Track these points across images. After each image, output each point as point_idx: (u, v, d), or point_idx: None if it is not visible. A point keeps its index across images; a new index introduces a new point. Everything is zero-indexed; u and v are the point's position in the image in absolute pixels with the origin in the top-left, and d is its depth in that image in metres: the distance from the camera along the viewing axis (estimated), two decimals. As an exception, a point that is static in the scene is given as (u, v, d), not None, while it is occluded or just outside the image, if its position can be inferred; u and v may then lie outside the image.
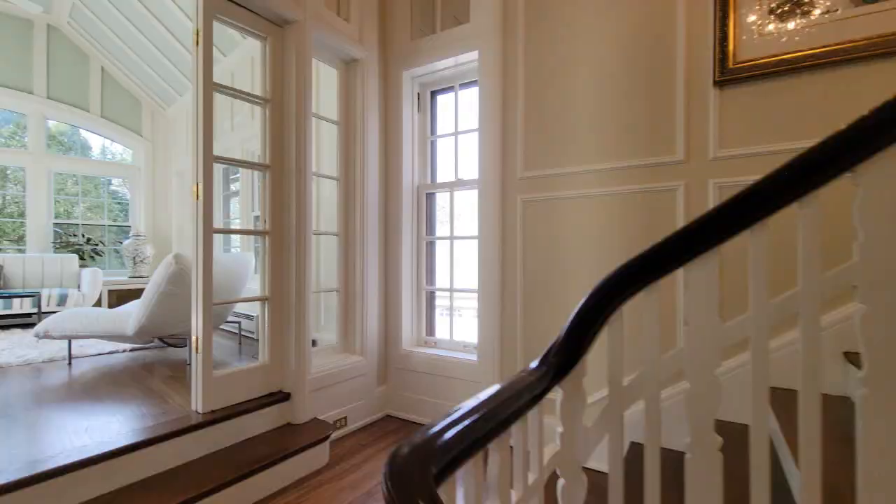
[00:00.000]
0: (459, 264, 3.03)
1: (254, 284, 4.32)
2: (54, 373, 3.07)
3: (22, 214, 5.67)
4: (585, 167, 2.33)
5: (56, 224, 5.83)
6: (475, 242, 2.73)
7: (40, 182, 5.67)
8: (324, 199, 3.27)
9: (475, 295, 2.72)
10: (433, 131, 3.16)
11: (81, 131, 6.23)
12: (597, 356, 1.78)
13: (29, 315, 4.65)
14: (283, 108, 2.47)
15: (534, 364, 1.05)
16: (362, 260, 2.88)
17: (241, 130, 4.67)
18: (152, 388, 2.65)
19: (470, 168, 2.97)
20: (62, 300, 4.68)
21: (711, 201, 2.01)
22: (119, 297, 5.72)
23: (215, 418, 2.10)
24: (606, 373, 1.04)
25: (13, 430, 2.03)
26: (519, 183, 2.54)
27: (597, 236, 2.31)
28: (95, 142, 6.38)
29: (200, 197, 2.13)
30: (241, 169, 4.89)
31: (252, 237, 4.77)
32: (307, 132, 2.46)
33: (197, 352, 2.14)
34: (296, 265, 2.45)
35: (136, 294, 5.85)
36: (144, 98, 6.33)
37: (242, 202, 4.87)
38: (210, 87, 2.14)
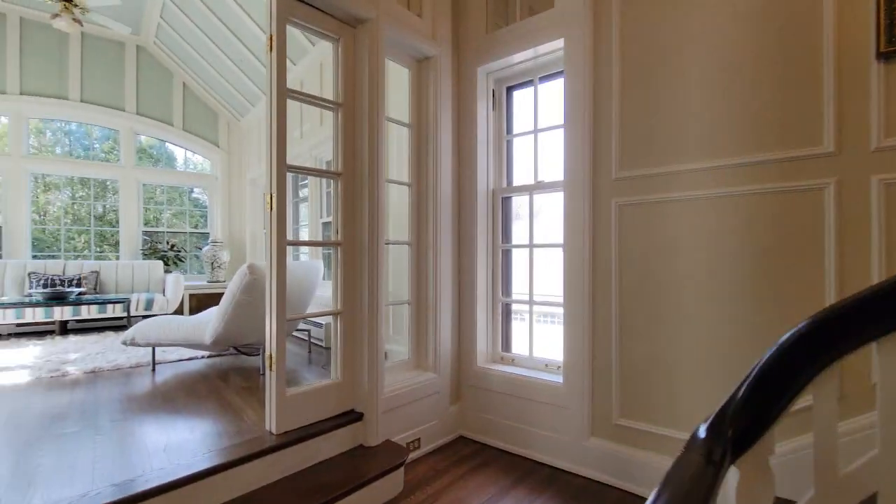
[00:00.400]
0: (539, 274, 2.77)
1: (325, 292, 4.30)
2: (139, 380, 3.17)
3: (118, 223, 6.11)
4: (696, 165, 1.99)
5: (145, 232, 6.23)
6: (557, 251, 2.45)
7: (131, 193, 6.08)
8: (392, 206, 3.13)
9: (555, 308, 2.44)
10: (509, 130, 2.92)
11: (166, 144, 6.63)
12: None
13: (120, 318, 4.96)
14: (356, 111, 2.34)
15: (701, 431, 0.78)
16: (435, 270, 2.70)
17: (310, 138, 4.69)
18: (227, 401, 2.62)
19: (551, 169, 2.69)
20: (149, 305, 4.94)
21: (876, 203, 1.61)
22: (199, 301, 5.99)
23: (289, 440, 1.99)
24: (812, 457, 0.75)
25: (99, 443, 2.04)
26: (613, 185, 2.24)
27: (711, 246, 1.95)
28: (179, 153, 6.77)
29: (274, 208, 2.03)
30: (309, 175, 4.92)
31: (318, 233, 4.78)
32: (380, 137, 2.31)
33: (271, 369, 2.05)
34: (368, 278, 2.31)
35: (213, 298, 6.11)
36: (221, 110, 6.62)
37: (311, 208, 4.89)
38: (283, 93, 2.05)
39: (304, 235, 5.75)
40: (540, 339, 2.83)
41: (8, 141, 5.42)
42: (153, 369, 3.37)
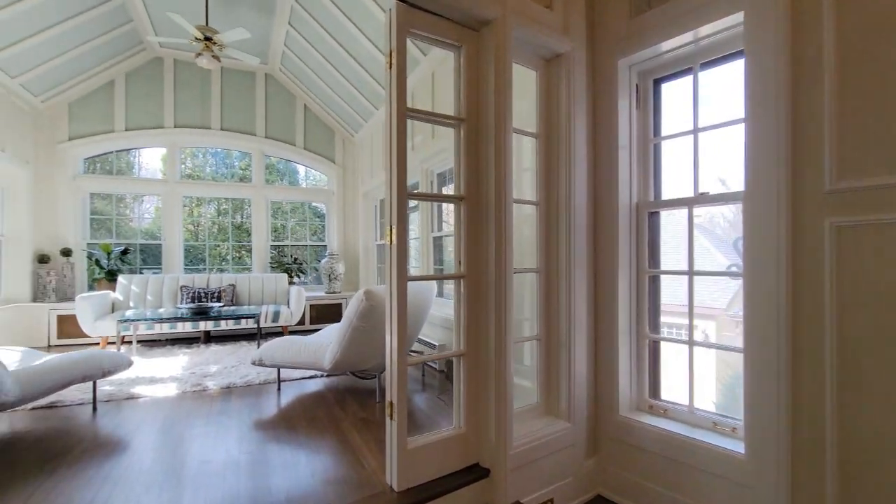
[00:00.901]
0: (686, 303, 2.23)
1: (439, 311, 4.13)
2: (267, 400, 3.25)
3: (250, 236, 6.68)
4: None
5: (272, 246, 6.72)
6: (721, 279, 1.91)
7: (261, 209, 6.59)
8: (514, 227, 2.81)
9: (711, 346, 1.90)
10: (657, 131, 2.42)
11: (289, 163, 7.10)
12: None
13: (252, 329, 5.33)
14: (480, 126, 2.06)
15: None
16: (568, 301, 2.31)
17: (421, 150, 4.58)
18: (346, 437, 2.52)
19: (713, 178, 2.15)
20: (276, 317, 5.25)
21: None
22: (318, 312, 6.28)
23: (411, 502, 1.77)
24: None
25: (233, 482, 2.02)
26: (826, 199, 1.65)
27: None
28: (301, 170, 7.21)
29: (394, 242, 1.83)
30: (428, 200, 4.80)
31: (429, 248, 4.63)
32: (507, 153, 2.00)
33: (391, 418, 1.85)
34: (495, 314, 2.01)
35: (331, 308, 6.36)
36: (337, 128, 6.91)
37: (422, 221, 4.78)
38: (403, 114, 1.84)
39: (413, 250, 5.70)
40: (701, 382, 2.29)
41: (165, 168, 6.20)
42: (278, 388, 3.46)
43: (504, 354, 2.00)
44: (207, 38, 4.46)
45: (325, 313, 6.35)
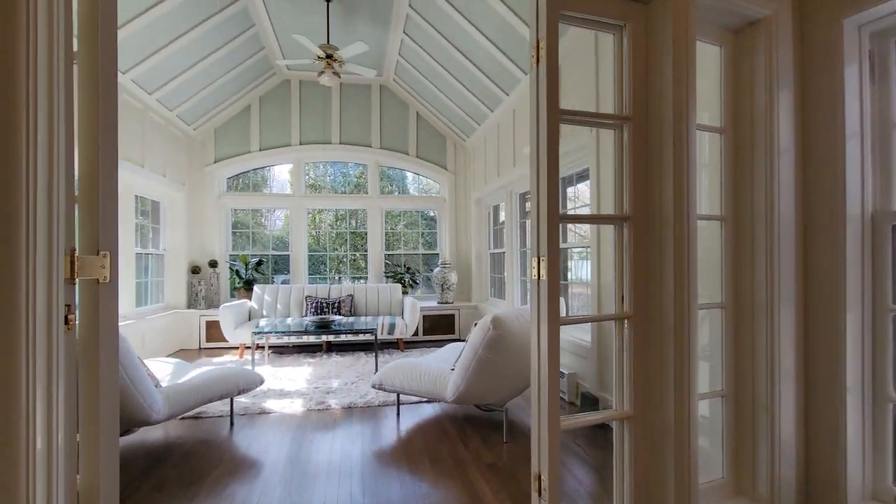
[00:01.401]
0: None
1: (567, 333, 3.67)
2: (387, 426, 3.11)
3: (366, 247, 6.84)
4: None
5: (386, 255, 6.80)
6: None
7: (376, 219, 6.70)
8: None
9: None
10: (905, 113, 1.72)
11: (400, 171, 7.15)
12: None
13: (369, 339, 5.37)
14: (650, 124, 1.61)
15: None
16: (768, 346, 1.74)
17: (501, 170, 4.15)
18: (473, 488, 2.22)
19: None
20: (391, 329, 5.22)
21: None
22: (431, 323, 6.17)
23: None
24: None
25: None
26: None
27: None
28: (409, 175, 7.23)
29: (543, 277, 1.47)
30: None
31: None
32: (689, 155, 1.52)
33: (539, 494, 1.49)
34: (675, 366, 1.54)
35: (444, 320, 6.21)
36: (449, 133, 6.77)
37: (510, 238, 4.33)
38: (556, 117, 1.46)
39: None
40: None
41: (292, 181, 6.60)
42: (398, 412, 3.31)
43: (687, 419, 1.52)
44: (329, 56, 4.56)
45: (438, 324, 6.22)
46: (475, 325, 3.03)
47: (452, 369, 3.04)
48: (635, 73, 1.60)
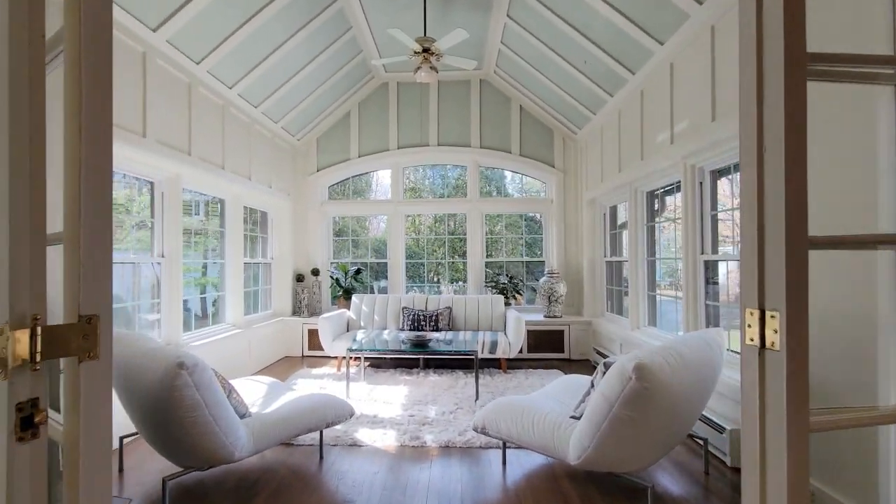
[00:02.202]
0: None
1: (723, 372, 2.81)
2: (489, 476, 2.59)
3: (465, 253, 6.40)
4: None
5: (487, 263, 6.29)
6: None
7: (476, 225, 6.23)
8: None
9: None
10: None
11: (495, 170, 6.59)
12: None
13: (469, 356, 4.89)
14: None
15: None
16: None
17: (684, 141, 3.30)
18: None
19: None
20: (493, 347, 4.69)
21: None
22: (536, 339, 5.52)
23: None
24: None
25: None
26: None
27: None
28: (507, 176, 6.63)
29: (777, 346, 0.81)
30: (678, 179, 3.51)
31: (696, 279, 3.31)
32: None
33: None
34: None
35: (551, 336, 5.52)
36: (556, 126, 6.05)
37: (686, 233, 3.47)
38: (801, 64, 0.80)
39: (660, 272, 4.38)
40: None
41: (390, 188, 6.41)
42: (503, 461, 2.76)
43: None
44: (426, 51, 4.18)
45: (544, 341, 5.54)
46: (602, 365, 2.37)
47: (574, 417, 2.42)
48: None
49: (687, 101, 3.28)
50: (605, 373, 2.36)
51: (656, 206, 4.41)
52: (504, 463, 2.76)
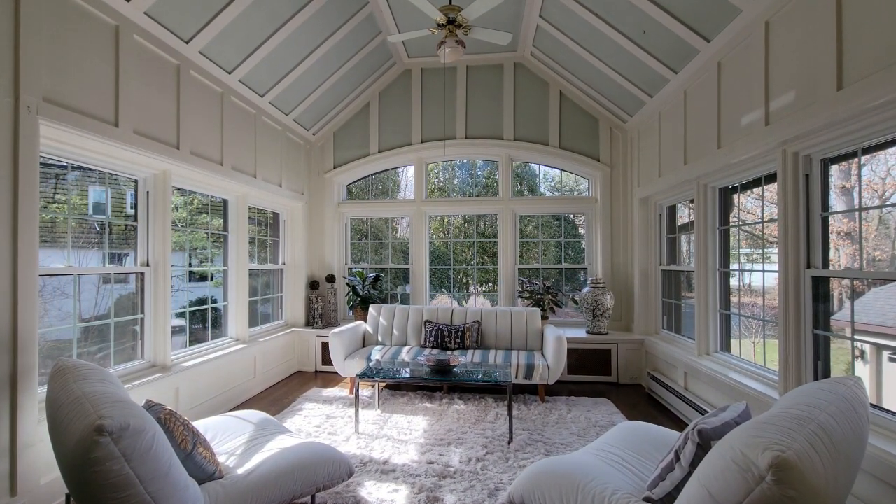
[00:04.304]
0: None
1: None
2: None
3: (496, 258, 5.72)
4: None
5: (519, 270, 5.59)
6: None
7: (508, 226, 5.55)
8: None
9: None
10: None
11: (528, 165, 5.86)
12: None
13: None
14: None
15: None
16: None
17: (787, 121, 2.53)
18: None
19: None
20: (529, 372, 4.00)
21: None
22: (578, 359, 4.79)
23: None
24: None
25: None
26: None
27: None
28: (553, 176, 5.89)
29: None
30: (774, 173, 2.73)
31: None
32: None
33: None
34: None
35: (596, 356, 4.77)
36: (602, 113, 5.28)
37: (784, 240, 2.69)
38: None
39: (736, 285, 3.58)
40: None
41: (413, 186, 5.79)
42: (549, 545, 2.09)
43: None
44: (451, 22, 3.54)
45: (588, 361, 4.81)
46: (695, 432, 1.69)
47: (649, 500, 1.73)
48: None
49: (792, 68, 2.51)
50: (698, 444, 1.66)
51: (735, 203, 3.61)
52: (548, 546, 2.09)
